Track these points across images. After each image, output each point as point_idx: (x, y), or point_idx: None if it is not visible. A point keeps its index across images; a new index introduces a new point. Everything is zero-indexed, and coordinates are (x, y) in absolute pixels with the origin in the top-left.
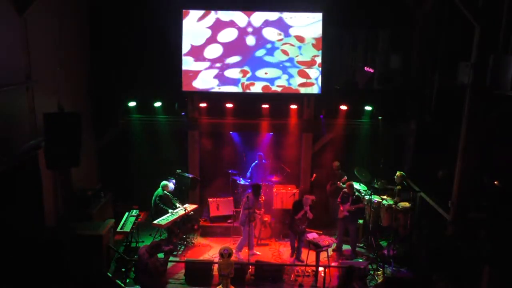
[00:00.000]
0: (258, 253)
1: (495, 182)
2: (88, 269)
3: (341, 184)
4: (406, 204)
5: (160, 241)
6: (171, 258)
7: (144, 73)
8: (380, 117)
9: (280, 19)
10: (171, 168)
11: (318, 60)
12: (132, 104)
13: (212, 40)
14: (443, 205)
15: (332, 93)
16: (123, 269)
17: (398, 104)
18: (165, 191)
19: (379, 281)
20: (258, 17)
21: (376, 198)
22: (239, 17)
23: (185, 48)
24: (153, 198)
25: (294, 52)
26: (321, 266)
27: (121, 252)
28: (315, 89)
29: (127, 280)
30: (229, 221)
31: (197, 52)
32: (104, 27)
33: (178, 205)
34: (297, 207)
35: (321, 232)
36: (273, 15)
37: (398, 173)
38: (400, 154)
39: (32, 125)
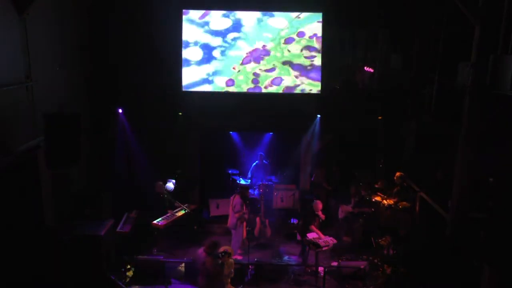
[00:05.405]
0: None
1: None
2: (88, 269)
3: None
4: (406, 204)
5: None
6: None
7: (144, 73)
8: (379, 117)
9: (280, 18)
10: (171, 168)
11: (318, 60)
12: (131, 104)
13: (212, 39)
14: (443, 205)
15: (332, 93)
16: (123, 269)
17: (398, 104)
18: (163, 191)
19: (379, 281)
20: (258, 17)
21: (376, 198)
22: (238, 16)
23: (185, 47)
24: (151, 198)
25: (294, 51)
26: (321, 266)
27: (121, 252)
28: (315, 89)
29: (127, 280)
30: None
31: (197, 51)
32: (104, 27)
33: (177, 205)
34: (310, 216)
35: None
36: (272, 15)
37: (397, 173)
38: (400, 154)
39: (32, 125)
